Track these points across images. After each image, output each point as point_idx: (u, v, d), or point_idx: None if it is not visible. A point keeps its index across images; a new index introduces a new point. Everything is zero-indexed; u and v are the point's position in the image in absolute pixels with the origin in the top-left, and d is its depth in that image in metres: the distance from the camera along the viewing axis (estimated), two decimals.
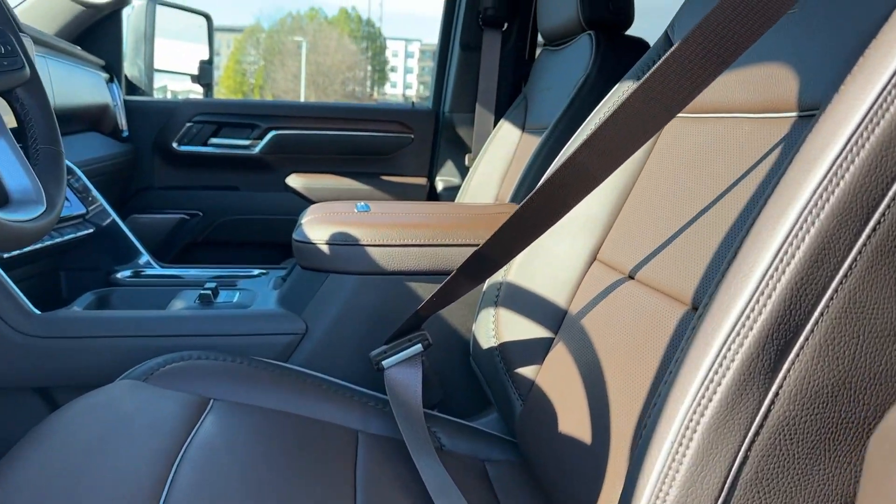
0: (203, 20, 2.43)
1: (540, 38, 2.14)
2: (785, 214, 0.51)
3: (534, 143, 1.78)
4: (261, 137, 2.06)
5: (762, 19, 0.58)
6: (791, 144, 0.65)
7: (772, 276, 0.50)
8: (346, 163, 2.14)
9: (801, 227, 0.50)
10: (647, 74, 0.63)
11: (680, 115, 0.84)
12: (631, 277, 0.82)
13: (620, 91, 0.98)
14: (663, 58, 0.62)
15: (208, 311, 1.14)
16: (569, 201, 0.76)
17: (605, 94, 1.56)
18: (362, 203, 1.30)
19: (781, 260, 0.50)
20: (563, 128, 1.54)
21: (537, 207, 0.77)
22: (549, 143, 1.54)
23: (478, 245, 1.17)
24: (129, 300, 1.26)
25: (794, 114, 0.67)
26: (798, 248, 0.49)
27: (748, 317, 0.50)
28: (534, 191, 0.75)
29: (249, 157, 2.06)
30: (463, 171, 2.15)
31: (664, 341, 0.69)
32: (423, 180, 2.17)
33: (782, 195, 0.52)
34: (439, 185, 2.17)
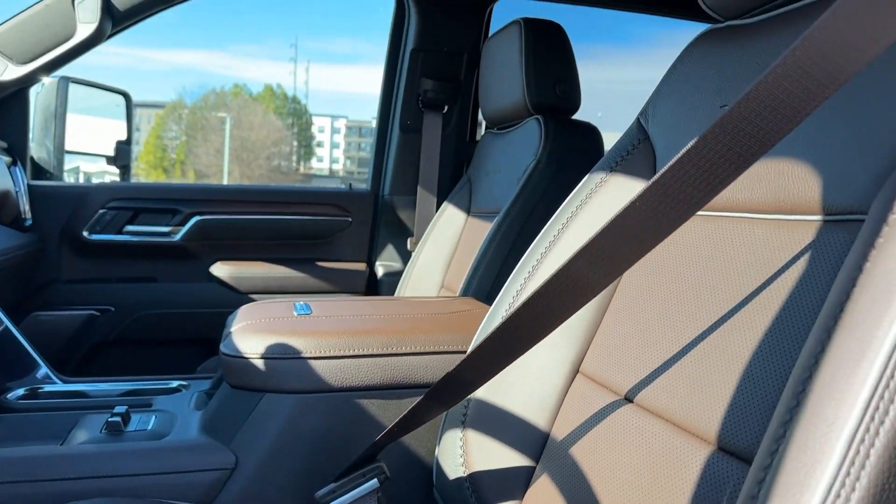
0: (121, 99, 2.27)
1: (481, 118, 2.08)
2: (866, 357, 0.40)
3: (481, 226, 1.68)
4: (183, 223, 1.89)
5: (790, 113, 0.50)
6: (821, 253, 0.56)
7: (862, 440, 0.39)
8: (277, 249, 1.99)
9: (891, 375, 0.39)
10: (661, 172, 0.53)
11: None
12: (629, 400, 0.71)
13: (592, 182, 0.89)
14: (679, 155, 0.53)
15: (117, 444, 0.96)
16: (560, 315, 0.64)
17: (556, 179, 1.51)
18: (301, 302, 1.16)
19: (872, 418, 0.39)
20: (515, 214, 1.46)
21: (522, 323, 0.65)
22: (502, 229, 1.45)
23: (440, 352, 1.04)
24: (20, 430, 1.06)
25: (818, 217, 0.58)
26: (892, 401, 0.39)
27: (838, 494, 0.39)
28: (519, 305, 0.63)
29: (170, 245, 1.88)
30: (405, 255, 2.03)
31: (687, 488, 0.57)
32: (362, 266, 2.03)
33: (857, 329, 0.42)
34: (379, 271, 2.04)
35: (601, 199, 0.88)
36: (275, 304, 1.15)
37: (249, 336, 0.97)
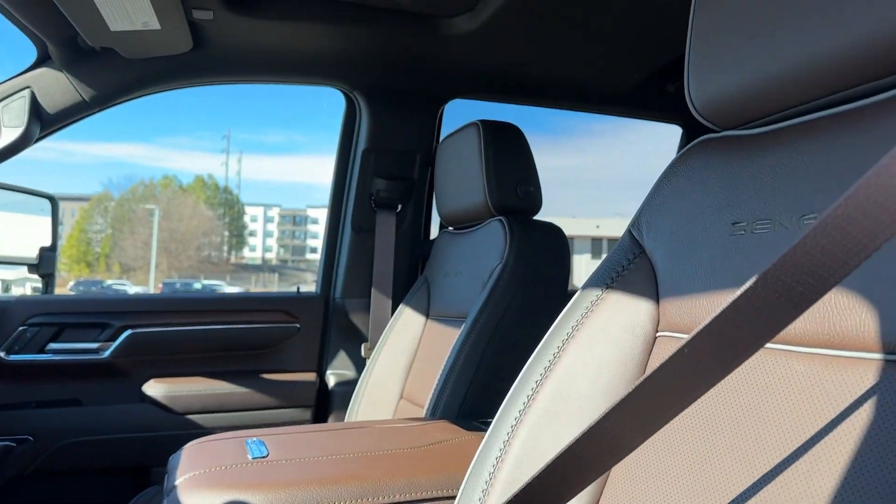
0: (46, 202, 2.12)
1: (435, 214, 2.02)
2: None
3: (443, 332, 1.59)
4: (113, 338, 1.72)
5: (859, 248, 0.43)
6: (885, 398, 0.49)
7: None
8: (217, 361, 1.83)
9: None
10: (713, 317, 0.46)
11: None
12: None
13: (587, 300, 0.82)
14: (735, 297, 0.45)
15: None
16: (589, 477, 0.55)
17: (525, 283, 1.44)
18: (254, 439, 1.02)
19: None
20: (484, 321, 1.37)
21: (545, 488, 0.55)
22: (471, 338, 1.36)
23: (424, 500, 0.92)
24: None
25: (877, 356, 0.52)
26: None
27: None
28: (542, 467, 0.54)
29: (98, 363, 1.70)
30: (359, 363, 1.91)
31: None
32: (311, 376, 1.89)
33: None
34: (331, 381, 1.90)
35: (600, 319, 0.80)
36: (224, 442, 1.01)
37: (199, 491, 0.83)
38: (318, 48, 1.63)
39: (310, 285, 1.99)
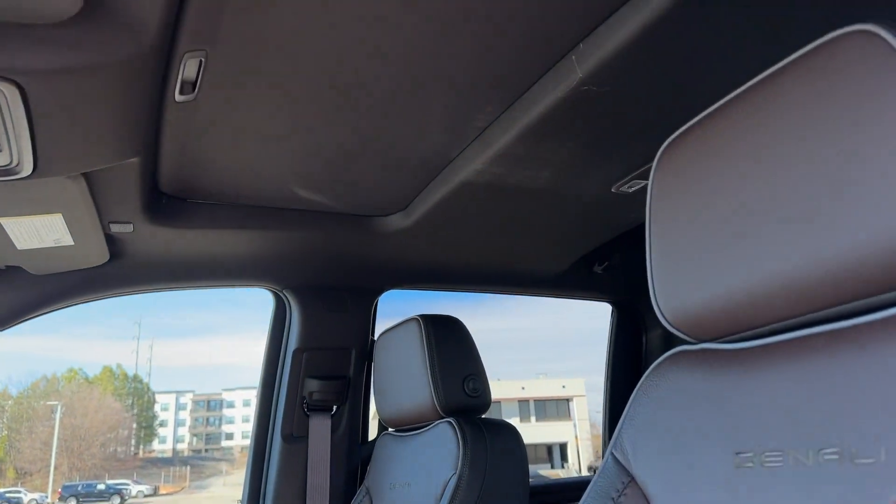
0: None
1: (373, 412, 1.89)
2: None
3: None
4: None
5: None
6: None
7: None
8: None
9: None
10: None
11: None
12: None
13: None
14: None
15: None
16: None
17: (484, 496, 1.31)
18: None
19: None
20: None
21: None
22: None
23: None
24: None
25: None
26: None
27: None
28: None
29: None
30: None
31: None
32: None
33: None
34: None
35: None
36: None
37: None
38: (246, 253, 1.57)
39: (225, 476, 1.76)
